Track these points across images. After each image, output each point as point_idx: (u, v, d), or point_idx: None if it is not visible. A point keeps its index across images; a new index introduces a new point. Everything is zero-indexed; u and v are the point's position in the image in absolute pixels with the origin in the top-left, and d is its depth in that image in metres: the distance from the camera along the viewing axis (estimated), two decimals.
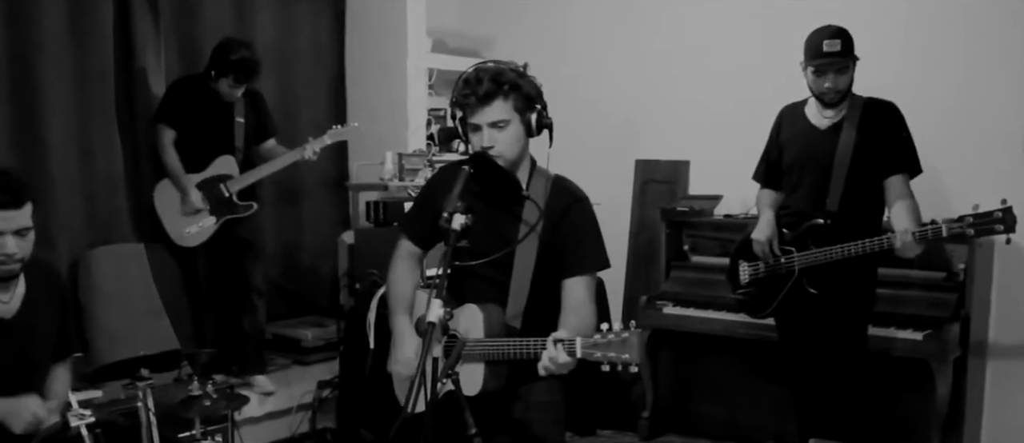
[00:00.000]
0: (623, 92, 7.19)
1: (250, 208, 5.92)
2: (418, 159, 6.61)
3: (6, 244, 3.34)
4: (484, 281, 3.32)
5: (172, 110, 5.80)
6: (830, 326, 4.75)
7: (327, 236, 7.24)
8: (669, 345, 6.34)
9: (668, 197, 6.81)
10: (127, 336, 5.33)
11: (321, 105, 7.27)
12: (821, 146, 4.74)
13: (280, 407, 6.00)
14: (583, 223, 3.36)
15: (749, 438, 6.13)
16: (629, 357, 2.84)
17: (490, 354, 3.17)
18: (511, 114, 3.22)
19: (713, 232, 6.32)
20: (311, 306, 7.18)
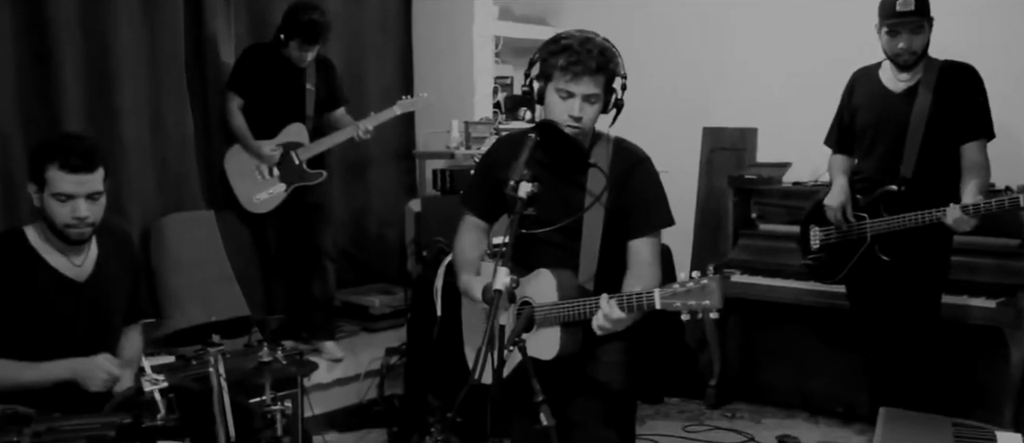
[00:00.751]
0: (691, 59, 7.13)
1: (319, 176, 5.94)
2: (484, 127, 6.60)
3: (78, 208, 3.39)
4: (553, 247, 3.31)
5: (242, 78, 5.83)
6: (903, 293, 4.68)
7: (394, 204, 7.26)
8: (737, 313, 6.31)
9: (736, 165, 6.76)
10: (198, 302, 5.38)
11: (389, 74, 7.27)
12: (895, 110, 4.65)
13: (348, 374, 6.04)
14: (646, 183, 3.36)
15: (818, 407, 6.11)
16: (710, 303, 2.82)
17: (560, 317, 3.16)
18: (602, 90, 3.22)
19: (781, 200, 6.25)
20: (379, 274, 7.22)
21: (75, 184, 3.38)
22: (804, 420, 6.07)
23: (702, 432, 5.88)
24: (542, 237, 3.28)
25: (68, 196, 3.38)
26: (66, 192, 3.37)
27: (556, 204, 3.27)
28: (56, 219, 3.41)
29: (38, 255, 3.50)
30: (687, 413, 6.25)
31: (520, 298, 3.25)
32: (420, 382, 5.32)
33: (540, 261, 3.30)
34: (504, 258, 2.90)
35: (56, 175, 3.37)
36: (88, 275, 3.58)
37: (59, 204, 3.39)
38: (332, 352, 6.07)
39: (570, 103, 3.20)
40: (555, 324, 3.19)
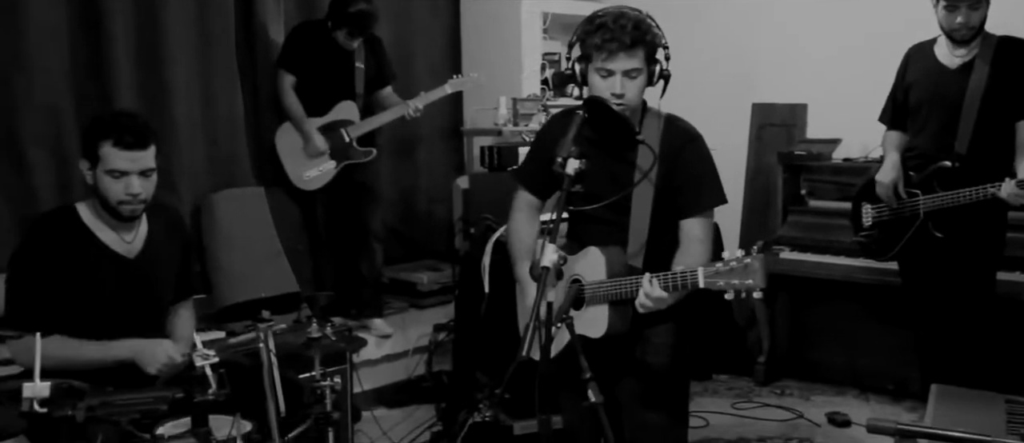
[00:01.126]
0: (739, 35, 7.09)
1: (369, 154, 5.96)
2: (532, 104, 6.59)
3: (132, 184, 3.42)
4: (602, 225, 3.31)
5: (293, 56, 5.86)
6: (957, 270, 4.63)
7: (442, 181, 7.27)
8: (786, 290, 6.29)
9: (785, 141, 6.71)
10: (248, 278, 5.43)
11: (437, 53, 7.28)
12: (950, 86, 4.59)
13: (397, 350, 6.07)
14: (698, 161, 3.32)
15: (868, 384, 6.09)
16: (753, 282, 2.79)
17: (607, 294, 3.15)
18: (643, 64, 3.19)
19: (832, 176, 6.21)
20: (427, 251, 7.24)
21: (128, 161, 3.40)
22: (854, 397, 6.04)
23: (751, 409, 5.87)
24: (591, 214, 3.28)
25: (122, 173, 3.41)
26: (120, 169, 3.40)
27: (605, 181, 3.26)
28: (109, 196, 3.44)
29: (90, 231, 3.53)
30: (736, 390, 6.24)
31: (571, 276, 3.25)
32: (468, 358, 5.34)
33: (589, 238, 3.29)
34: (552, 235, 2.90)
35: (110, 152, 3.39)
36: (138, 252, 3.62)
37: (112, 180, 3.42)
38: (381, 328, 6.11)
39: (611, 81, 3.18)
40: (603, 303, 3.18)
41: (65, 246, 3.48)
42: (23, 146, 5.06)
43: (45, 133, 5.11)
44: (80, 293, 3.47)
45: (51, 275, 3.44)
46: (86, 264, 3.49)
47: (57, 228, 3.52)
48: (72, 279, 3.45)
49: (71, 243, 3.49)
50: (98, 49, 5.30)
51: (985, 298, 4.69)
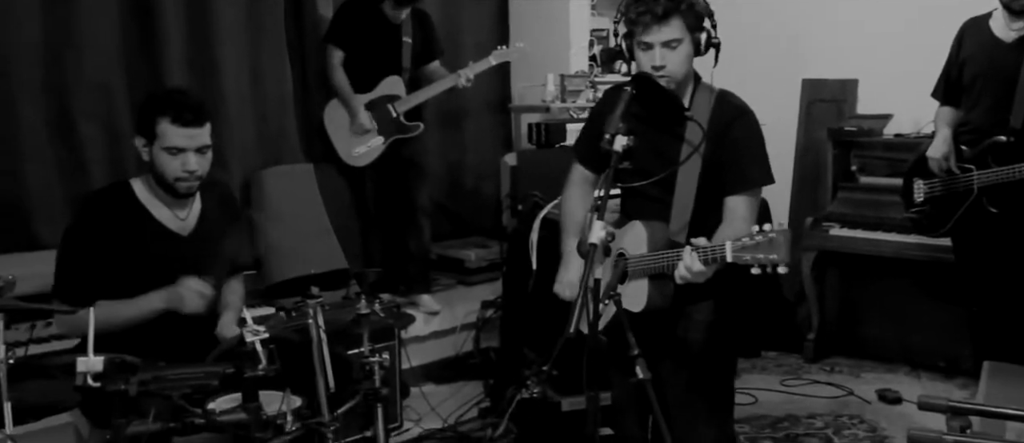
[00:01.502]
0: (789, 9, 7.06)
1: (417, 128, 5.98)
2: (580, 80, 6.58)
3: (189, 161, 3.44)
4: (649, 200, 3.29)
5: (341, 31, 5.88)
6: (1012, 246, 4.59)
7: (490, 158, 7.27)
8: (836, 266, 6.30)
9: (835, 117, 6.68)
10: (297, 255, 5.45)
11: (484, 26, 7.28)
12: (1006, 60, 4.54)
13: (444, 326, 6.09)
14: (747, 137, 3.28)
15: (920, 361, 6.08)
16: (777, 257, 2.76)
17: (648, 268, 3.14)
18: (683, 33, 3.16)
19: (883, 152, 6.18)
20: (474, 227, 7.25)
21: (186, 138, 3.43)
22: (905, 374, 6.02)
23: (800, 386, 5.85)
24: (639, 190, 3.27)
25: (179, 149, 3.43)
26: (177, 146, 3.42)
27: (653, 157, 3.24)
28: (166, 172, 3.47)
29: (144, 208, 3.56)
30: (785, 367, 6.23)
31: (616, 251, 3.24)
32: (516, 335, 5.34)
33: (637, 213, 3.28)
34: (600, 211, 2.89)
35: (168, 129, 3.41)
36: (191, 229, 3.64)
37: (170, 157, 3.44)
38: (429, 305, 6.13)
39: (651, 53, 3.17)
40: (643, 277, 3.17)
41: (119, 222, 3.50)
42: (75, 123, 5.12)
43: (97, 110, 5.16)
44: (133, 269, 3.49)
45: (103, 251, 3.46)
46: (140, 241, 3.51)
47: (111, 204, 3.55)
48: (125, 255, 3.48)
49: (125, 219, 3.52)
50: (149, 26, 5.35)
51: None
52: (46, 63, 5.04)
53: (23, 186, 4.99)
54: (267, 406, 3.11)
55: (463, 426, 5.27)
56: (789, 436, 5.10)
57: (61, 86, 5.08)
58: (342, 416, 3.50)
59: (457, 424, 5.28)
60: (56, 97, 5.08)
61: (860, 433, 5.13)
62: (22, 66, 4.95)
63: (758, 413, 5.40)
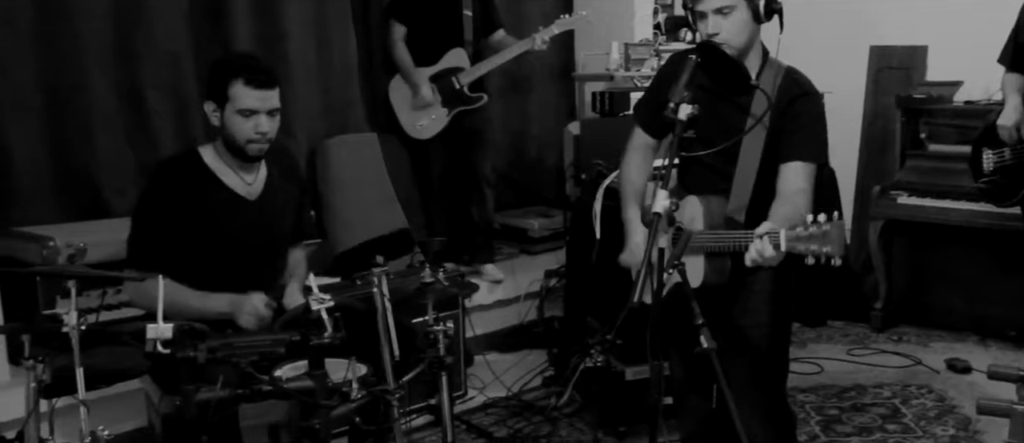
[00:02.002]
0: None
1: (480, 99, 5.99)
2: (644, 49, 6.55)
3: (261, 123, 3.48)
4: (710, 171, 3.28)
5: (403, 5, 5.91)
6: None
7: (553, 127, 7.27)
8: (904, 235, 6.29)
9: (904, 84, 6.63)
10: (362, 223, 5.50)
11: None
12: None
13: (508, 295, 6.11)
14: (808, 114, 3.26)
15: (989, 331, 6.07)
16: (830, 250, 2.73)
17: (707, 246, 3.12)
18: (737, 0, 3.14)
19: (952, 119, 6.13)
20: (537, 196, 7.26)
21: (259, 100, 3.46)
22: (974, 343, 6.00)
23: (867, 356, 5.83)
24: (702, 160, 3.25)
25: (252, 111, 3.46)
26: (250, 107, 3.46)
27: (717, 127, 3.23)
28: (238, 135, 3.50)
29: (213, 174, 3.60)
30: (851, 336, 6.21)
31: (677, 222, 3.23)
32: (579, 304, 5.35)
33: (697, 185, 3.27)
34: (664, 180, 2.88)
35: (241, 91, 3.45)
36: (259, 194, 3.68)
37: (243, 119, 3.47)
38: (492, 274, 6.15)
39: (706, 22, 3.16)
40: (700, 254, 3.16)
41: (190, 189, 3.55)
42: (144, 92, 5.17)
43: (165, 80, 5.21)
44: (205, 234, 3.55)
45: (176, 217, 3.51)
46: (210, 206, 3.56)
47: (182, 171, 3.60)
48: (197, 220, 3.53)
49: (196, 185, 3.56)
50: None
51: None
52: (115, 33, 5.08)
53: (93, 155, 5.04)
54: (333, 374, 3.14)
55: (527, 395, 5.29)
56: (856, 405, 5.08)
57: (130, 55, 5.12)
58: (407, 384, 3.54)
59: (521, 392, 5.30)
60: (125, 66, 5.12)
61: (928, 403, 5.10)
62: (92, 36, 4.99)
63: (824, 383, 5.39)
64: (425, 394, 4.57)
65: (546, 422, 4.93)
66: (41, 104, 4.90)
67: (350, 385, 3.21)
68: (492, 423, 4.94)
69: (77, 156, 5.03)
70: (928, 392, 5.24)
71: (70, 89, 4.96)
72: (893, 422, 4.87)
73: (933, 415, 4.94)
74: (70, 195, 5.02)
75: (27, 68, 4.83)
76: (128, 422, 4.11)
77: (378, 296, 3.44)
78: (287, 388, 3.04)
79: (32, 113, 4.87)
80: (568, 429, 4.86)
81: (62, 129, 4.97)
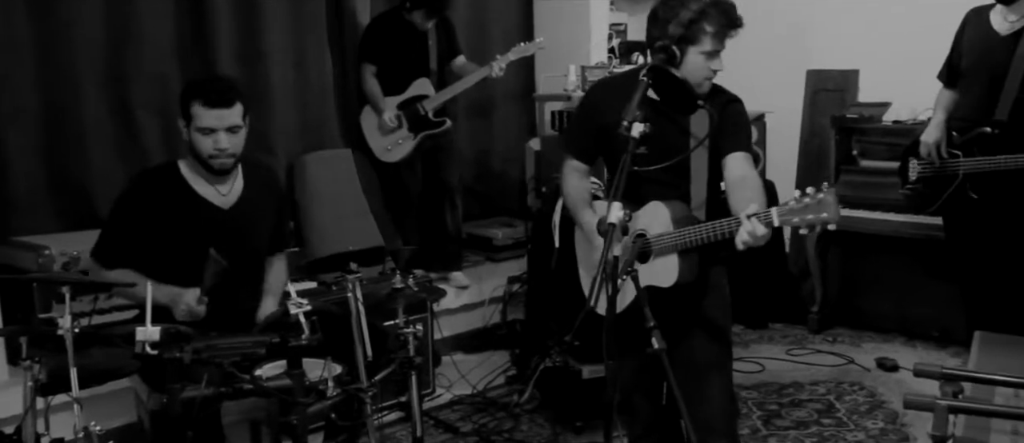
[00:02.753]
0: (795, 4, 7.03)
1: (443, 124, 6.00)
2: (600, 71, 6.55)
3: (219, 139, 3.49)
4: (660, 185, 3.27)
5: (372, 48, 5.96)
6: (998, 229, 4.55)
7: (515, 143, 7.29)
8: (838, 244, 6.32)
9: (838, 105, 6.66)
10: (337, 233, 5.49)
11: (511, 21, 7.26)
12: (998, 52, 4.46)
13: (474, 300, 6.11)
14: (738, 114, 3.28)
15: (915, 331, 6.11)
16: (828, 215, 2.72)
17: (681, 243, 3.13)
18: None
19: (882, 137, 6.16)
20: (501, 208, 7.27)
21: (216, 119, 3.47)
22: (901, 343, 6.04)
23: (804, 355, 5.86)
24: (651, 175, 3.26)
25: (210, 129, 3.48)
26: (208, 126, 3.47)
27: (661, 143, 3.23)
28: (201, 151, 3.52)
29: (188, 185, 3.61)
30: (790, 338, 6.23)
31: (635, 231, 3.24)
32: (540, 308, 5.36)
33: (648, 196, 3.27)
34: (617, 192, 2.89)
35: (200, 111, 3.47)
36: (232, 204, 3.68)
37: (203, 136, 3.49)
38: (459, 280, 6.15)
39: (714, 61, 3.16)
40: (673, 253, 3.16)
41: (164, 196, 3.57)
42: (134, 110, 5.18)
43: (154, 99, 5.22)
44: (178, 238, 3.56)
45: (147, 221, 3.53)
46: (182, 213, 3.58)
47: (158, 180, 3.63)
48: (170, 226, 3.55)
49: (170, 194, 3.58)
50: (201, 21, 5.39)
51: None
52: (108, 55, 5.09)
53: (87, 168, 5.05)
54: (310, 373, 3.15)
55: (491, 392, 5.29)
56: (794, 401, 5.10)
57: (122, 76, 5.13)
58: (379, 382, 3.53)
59: (485, 390, 5.31)
60: (117, 87, 5.13)
61: (860, 398, 5.13)
62: (87, 58, 5.00)
63: (765, 380, 5.41)
64: (396, 392, 4.53)
65: (509, 418, 4.93)
66: (38, 122, 4.91)
67: (326, 383, 3.21)
68: (458, 419, 4.94)
69: (71, 170, 5.03)
70: (860, 389, 5.27)
71: (65, 108, 4.98)
72: (828, 417, 4.89)
73: (864, 410, 4.97)
74: (64, 206, 5.02)
75: (27, 88, 4.85)
76: (118, 418, 4.08)
77: (352, 301, 3.44)
78: (267, 386, 3.04)
79: (30, 130, 4.88)
80: (529, 424, 4.86)
81: (58, 145, 4.98)
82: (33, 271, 4.28)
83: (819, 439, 4.62)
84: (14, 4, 4.76)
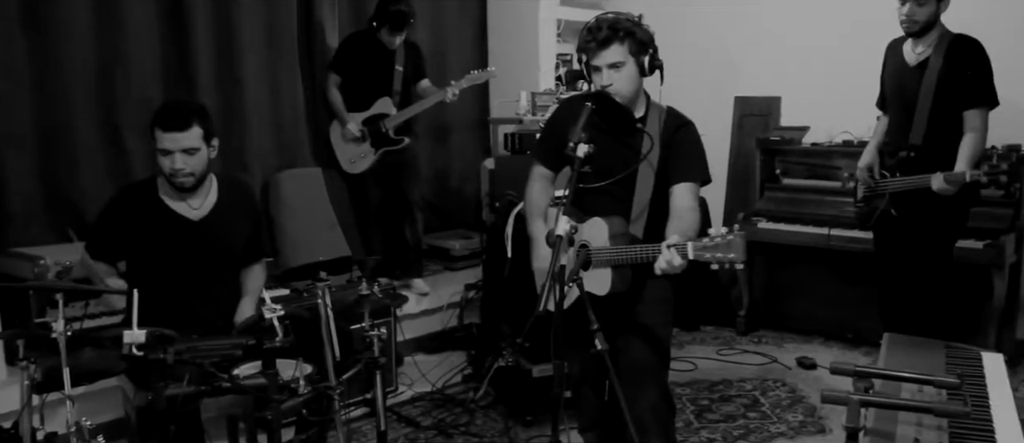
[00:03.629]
0: (725, 38, 7.10)
1: (402, 142, 5.98)
2: (548, 97, 6.60)
3: (175, 160, 3.49)
4: (607, 199, 3.30)
5: (342, 61, 5.93)
6: (916, 242, 4.62)
7: (471, 162, 7.30)
8: (762, 254, 6.36)
9: (762, 128, 6.74)
10: (308, 244, 5.47)
11: (467, 51, 7.28)
12: (908, 82, 4.55)
13: (433, 305, 6.10)
14: (689, 142, 3.32)
15: (831, 333, 6.21)
16: (735, 256, 2.79)
17: (614, 259, 3.17)
18: (626, 57, 3.19)
19: (801, 158, 6.26)
20: (458, 221, 7.27)
21: (171, 141, 3.47)
22: (819, 344, 6.11)
23: (733, 355, 5.92)
24: (598, 189, 3.29)
25: (167, 151, 3.48)
26: (165, 148, 3.48)
27: (611, 162, 3.26)
28: (163, 170, 3.53)
29: (161, 200, 3.62)
30: (720, 339, 6.29)
31: (579, 242, 3.27)
32: (494, 313, 5.37)
33: (595, 210, 3.29)
34: (565, 208, 2.93)
35: (159, 135, 3.48)
36: (203, 217, 3.67)
37: (162, 157, 3.50)
38: (420, 287, 6.15)
39: (600, 74, 3.21)
40: (606, 266, 3.20)
41: (139, 209, 3.61)
42: (121, 132, 5.15)
43: (139, 121, 5.16)
44: (152, 247, 3.60)
45: (125, 229, 3.59)
46: (155, 224, 3.60)
47: (136, 194, 3.67)
48: (144, 235, 3.58)
49: (144, 207, 3.61)
50: (183, 49, 5.37)
51: (942, 266, 4.68)
52: (98, 81, 5.06)
53: (78, 186, 5.02)
54: (283, 372, 3.15)
55: (449, 390, 5.29)
56: (723, 397, 5.15)
57: (110, 100, 5.10)
58: (346, 381, 3.53)
59: (444, 388, 5.31)
60: (105, 110, 5.10)
61: (782, 394, 5.19)
62: (78, 83, 4.97)
63: (697, 378, 5.45)
64: (362, 389, 4.52)
65: (465, 413, 4.94)
66: (34, 142, 4.89)
67: (298, 382, 3.21)
68: (419, 414, 4.94)
69: (64, 187, 4.99)
70: (782, 385, 5.33)
71: (59, 130, 4.94)
72: (754, 410, 4.94)
73: (786, 404, 5.03)
74: (58, 220, 4.99)
75: (24, 111, 4.82)
76: (107, 414, 4.06)
77: (322, 306, 3.44)
78: (244, 385, 3.04)
79: (25, 149, 4.85)
80: (484, 419, 4.88)
81: (52, 164, 4.95)
82: (30, 279, 4.26)
83: (745, 431, 4.66)
84: (12, 35, 4.72)
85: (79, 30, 4.95)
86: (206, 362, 2.99)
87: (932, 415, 2.27)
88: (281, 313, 3.18)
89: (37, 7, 4.80)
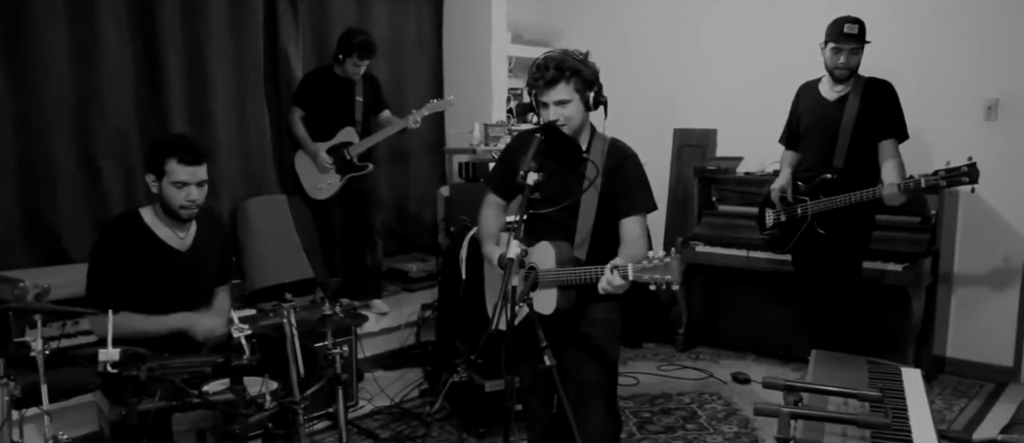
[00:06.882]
0: (665, 74, 7.19)
1: (366, 168, 5.99)
2: (500, 128, 6.64)
3: (191, 193, 3.49)
4: (555, 225, 3.31)
5: (304, 95, 5.95)
6: (835, 260, 4.79)
7: (428, 190, 7.33)
8: (700, 276, 6.41)
9: (700, 158, 6.80)
10: (274, 267, 5.46)
11: (424, 83, 7.31)
12: (831, 114, 4.75)
13: (392, 324, 6.09)
14: (634, 174, 3.34)
15: (765, 350, 6.24)
16: (671, 277, 2.83)
17: (560, 280, 3.20)
18: (572, 94, 3.21)
19: (736, 186, 6.35)
20: (416, 245, 7.27)
21: (190, 174, 3.47)
22: (753, 360, 6.15)
23: (673, 371, 5.94)
24: (547, 216, 3.32)
25: (183, 183, 3.46)
26: (182, 180, 3.46)
27: (559, 190, 3.29)
28: (172, 202, 3.50)
29: (150, 231, 3.58)
30: (661, 355, 6.31)
31: (528, 264, 3.29)
32: (449, 331, 5.36)
33: (545, 234, 3.30)
34: (516, 232, 2.96)
35: (175, 167, 3.45)
36: (189, 246, 3.66)
37: (176, 190, 3.47)
38: (379, 307, 6.14)
39: (548, 110, 3.23)
40: (552, 287, 3.24)
41: (132, 243, 3.54)
42: (98, 161, 5.14)
43: (115, 151, 5.18)
44: (146, 278, 3.53)
45: (121, 265, 3.50)
46: (148, 255, 3.55)
47: (125, 228, 3.58)
48: (139, 267, 3.52)
49: (136, 240, 3.55)
50: (157, 83, 5.37)
51: (855, 282, 4.86)
52: (75, 112, 5.05)
53: (56, 211, 5.00)
54: (250, 388, 3.16)
55: (407, 404, 5.29)
56: (663, 409, 5.18)
57: (88, 132, 5.09)
58: (310, 396, 3.52)
59: (402, 402, 5.30)
60: (83, 140, 5.09)
61: (718, 407, 5.23)
62: (56, 114, 4.96)
63: (639, 392, 5.49)
64: (325, 404, 4.54)
65: (422, 426, 4.93)
66: (14, 171, 4.86)
67: (264, 397, 3.21)
68: (379, 427, 4.92)
69: (43, 213, 4.97)
70: (718, 398, 5.37)
71: (38, 159, 4.93)
72: (692, 422, 4.98)
73: (722, 416, 5.07)
74: (37, 244, 4.96)
75: (5, 142, 4.80)
76: (83, 428, 4.01)
77: (287, 325, 3.44)
78: (213, 400, 3.04)
79: (7, 178, 4.83)
80: (439, 431, 4.87)
81: (31, 191, 4.94)
82: (9, 301, 4.16)
83: (684, 442, 4.70)
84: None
85: (57, 67, 4.94)
86: (177, 379, 2.99)
87: (856, 426, 2.30)
88: (248, 332, 3.19)
89: (19, 46, 4.78)
